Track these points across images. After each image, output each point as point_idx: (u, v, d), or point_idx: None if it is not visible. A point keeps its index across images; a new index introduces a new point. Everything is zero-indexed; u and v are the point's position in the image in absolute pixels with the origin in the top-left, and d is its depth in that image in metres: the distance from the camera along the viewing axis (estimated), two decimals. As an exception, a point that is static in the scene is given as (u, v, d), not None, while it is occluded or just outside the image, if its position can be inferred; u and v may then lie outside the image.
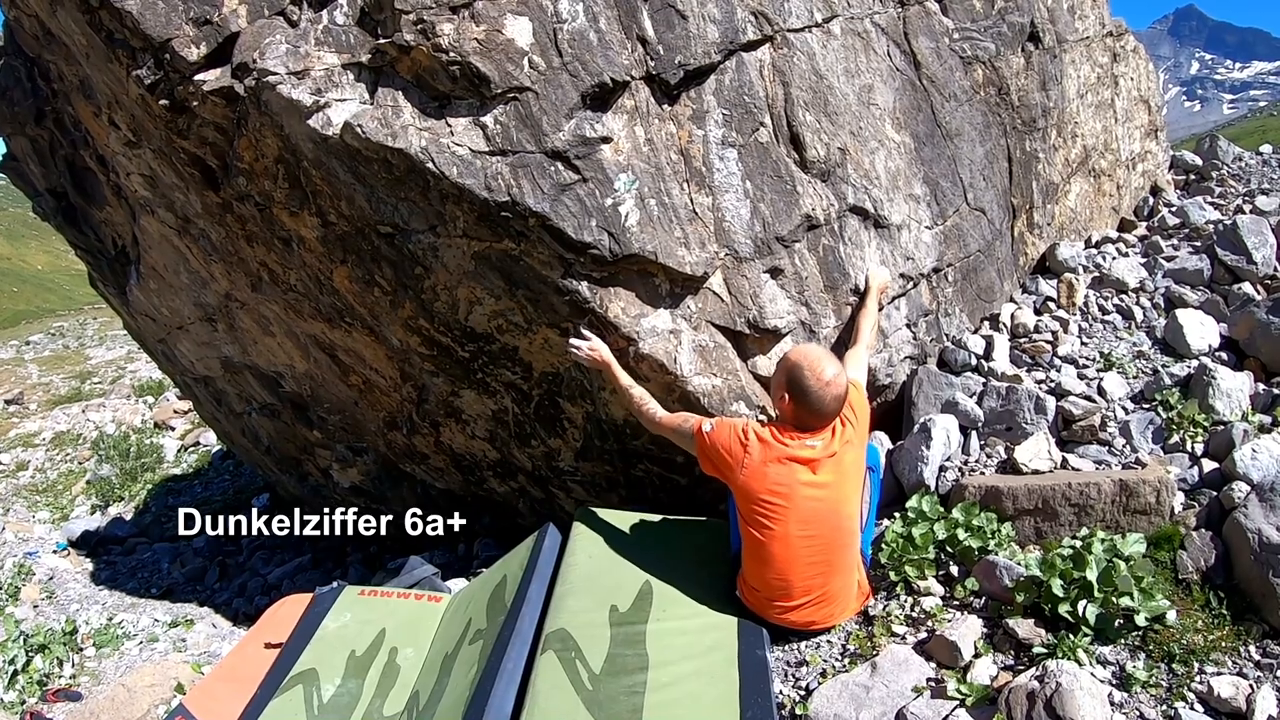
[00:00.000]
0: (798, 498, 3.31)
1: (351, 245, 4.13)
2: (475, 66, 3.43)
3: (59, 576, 7.91)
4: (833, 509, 3.36)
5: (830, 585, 3.43)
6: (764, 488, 3.33)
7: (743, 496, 3.40)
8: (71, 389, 20.08)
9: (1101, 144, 6.59)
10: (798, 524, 3.31)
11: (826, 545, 3.36)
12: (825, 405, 3.31)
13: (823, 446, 3.35)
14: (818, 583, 3.40)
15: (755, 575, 3.45)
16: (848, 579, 3.50)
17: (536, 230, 3.57)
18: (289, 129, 3.73)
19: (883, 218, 4.37)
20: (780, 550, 3.33)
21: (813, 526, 3.33)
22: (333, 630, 4.16)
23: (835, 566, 3.42)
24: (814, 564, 3.36)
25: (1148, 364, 4.80)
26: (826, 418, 3.35)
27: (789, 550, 3.32)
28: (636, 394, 3.78)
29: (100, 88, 4.73)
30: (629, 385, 3.79)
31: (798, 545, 3.32)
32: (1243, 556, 3.28)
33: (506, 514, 5.81)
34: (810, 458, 3.33)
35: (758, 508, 3.34)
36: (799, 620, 3.47)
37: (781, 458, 3.33)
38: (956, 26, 5.15)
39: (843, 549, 3.43)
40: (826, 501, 3.34)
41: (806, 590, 3.39)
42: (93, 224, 6.90)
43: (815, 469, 3.33)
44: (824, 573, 3.39)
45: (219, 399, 7.85)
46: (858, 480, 3.51)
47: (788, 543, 3.32)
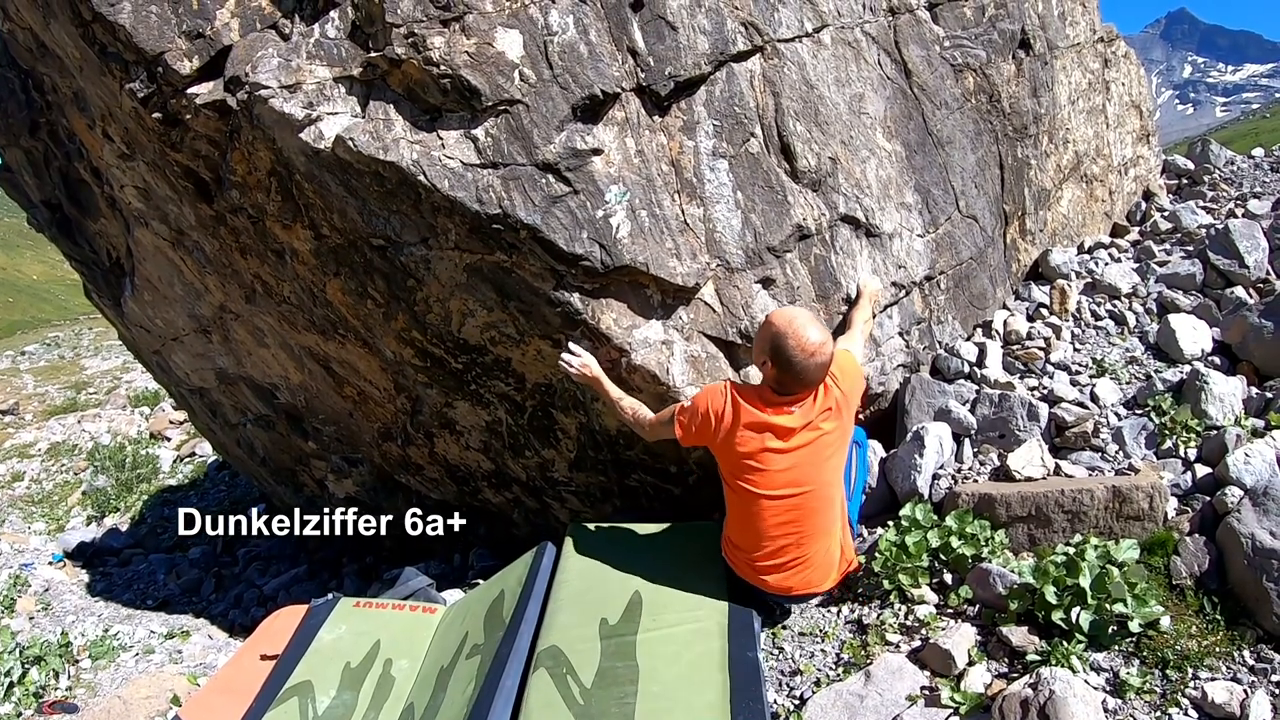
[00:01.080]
0: (772, 465, 3.35)
1: (344, 258, 4.14)
2: (466, 79, 3.44)
3: (55, 588, 7.89)
4: (808, 476, 3.39)
5: (806, 551, 3.47)
6: (740, 453, 3.38)
7: (721, 459, 3.48)
8: (67, 399, 20.04)
9: (1093, 149, 6.61)
10: (772, 489, 3.37)
11: (802, 512, 3.41)
12: (808, 374, 3.29)
13: (801, 414, 3.36)
14: (792, 547, 3.44)
15: (735, 532, 3.57)
16: (826, 546, 3.53)
17: (528, 242, 3.57)
18: (281, 142, 3.74)
19: (874, 226, 4.38)
20: (755, 513, 3.41)
21: (788, 491, 3.37)
22: (328, 642, 4.16)
23: (810, 533, 3.45)
24: (788, 529, 3.41)
25: (1140, 369, 4.81)
26: (809, 385, 3.35)
27: (763, 514, 3.40)
28: (628, 405, 3.80)
29: (94, 100, 4.73)
30: (619, 398, 3.81)
31: (771, 510, 3.39)
32: (1236, 561, 3.28)
33: (501, 524, 5.81)
34: (788, 426, 3.35)
35: (735, 471, 3.41)
36: (776, 585, 3.51)
37: (758, 424, 3.35)
38: (947, 34, 5.16)
39: (819, 515, 3.46)
40: (801, 469, 3.38)
41: (780, 553, 3.45)
42: (87, 236, 6.89)
43: (791, 437, 3.35)
44: (799, 539, 3.44)
45: (214, 410, 7.84)
46: (840, 448, 3.52)
47: (762, 506, 3.38)
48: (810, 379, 3.31)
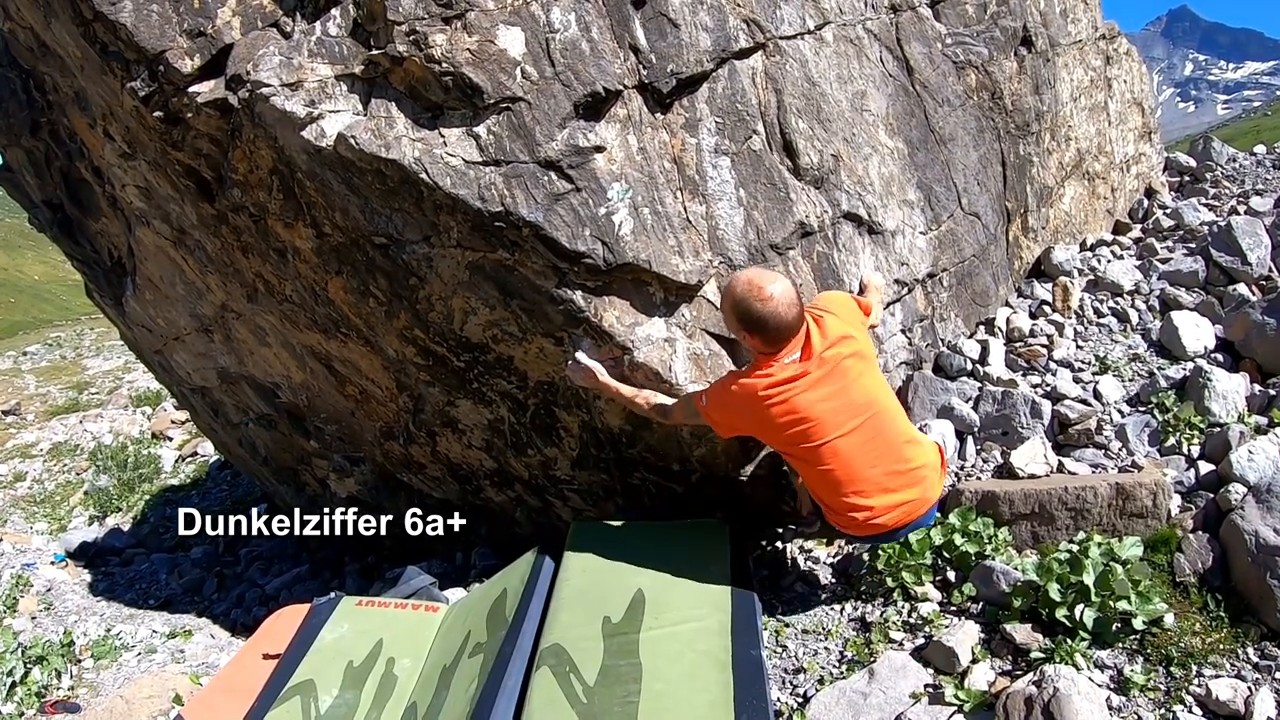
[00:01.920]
0: (815, 412, 3.27)
1: (346, 256, 4.14)
2: (468, 77, 3.44)
3: (57, 588, 7.88)
4: (852, 401, 3.32)
5: (904, 461, 3.40)
6: (782, 426, 3.31)
7: (771, 442, 3.45)
8: (69, 399, 20.04)
9: (1095, 147, 6.61)
10: (831, 431, 3.29)
11: (874, 431, 3.34)
12: (783, 320, 3.21)
13: (802, 355, 3.31)
14: (892, 468, 3.37)
15: (834, 500, 3.42)
16: (918, 449, 3.46)
17: (530, 240, 3.57)
18: (283, 140, 3.73)
19: (877, 224, 4.38)
20: (836, 463, 3.33)
21: (847, 423, 3.30)
22: (330, 641, 4.15)
23: (894, 444, 3.39)
24: (873, 453, 3.35)
25: (1143, 367, 4.81)
26: (791, 331, 3.26)
27: (843, 458, 3.32)
28: (641, 399, 3.71)
29: (95, 100, 4.73)
30: (633, 395, 3.72)
31: (847, 447, 3.31)
32: (1240, 558, 3.28)
33: (504, 523, 5.80)
34: (796, 373, 3.28)
35: (789, 442, 3.35)
36: (900, 516, 3.42)
37: (774, 393, 3.28)
38: (949, 31, 5.16)
39: (890, 428, 3.39)
40: (842, 397, 3.31)
41: (886, 484, 3.36)
42: (88, 235, 6.89)
43: (806, 378, 3.29)
44: (888, 455, 3.37)
45: (216, 410, 7.84)
46: (869, 367, 3.44)
47: (837, 450, 3.31)
48: (788, 324, 3.23)
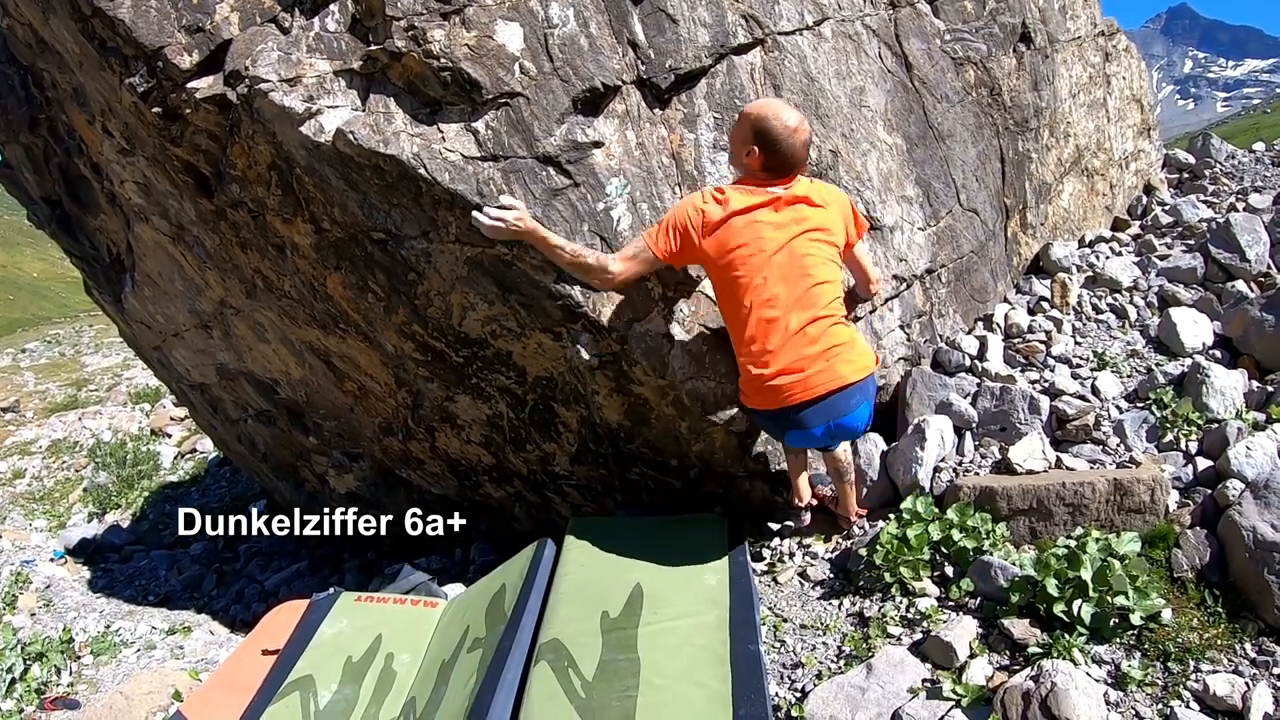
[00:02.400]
0: (766, 239, 3.30)
1: (345, 252, 4.14)
2: (466, 72, 3.44)
3: (56, 585, 7.88)
4: (807, 254, 3.35)
5: (822, 335, 3.37)
6: (731, 242, 3.31)
7: (713, 262, 3.37)
8: (68, 396, 20.03)
9: (1094, 143, 6.61)
10: (766, 269, 3.30)
11: (801, 292, 3.33)
12: (795, 150, 3.31)
13: (788, 190, 3.36)
14: (807, 334, 3.34)
15: (743, 350, 3.42)
16: (841, 330, 3.43)
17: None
18: (281, 136, 3.73)
19: (875, 219, 4.37)
20: (760, 301, 3.32)
21: (788, 266, 3.31)
22: (329, 636, 4.15)
23: (818, 315, 3.36)
24: (794, 313, 3.32)
25: (1141, 363, 4.82)
26: (797, 164, 3.35)
27: (763, 302, 3.32)
28: (570, 250, 3.39)
29: (93, 96, 4.73)
30: (560, 245, 3.38)
31: (770, 295, 3.31)
32: (1238, 554, 3.29)
33: (502, 519, 5.81)
34: (774, 196, 3.32)
35: (730, 264, 3.33)
36: (802, 387, 3.38)
37: (745, 207, 3.31)
38: (948, 27, 5.16)
39: (819, 296, 3.36)
40: (799, 245, 3.34)
41: (796, 347, 3.34)
42: (87, 232, 6.89)
43: (779, 207, 3.32)
44: (807, 321, 3.34)
45: (215, 406, 7.85)
46: (831, 246, 3.44)
47: (760, 294, 3.31)
48: (796, 156, 3.32)
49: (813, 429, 3.49)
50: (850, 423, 3.54)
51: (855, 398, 3.48)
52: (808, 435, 3.54)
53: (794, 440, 3.64)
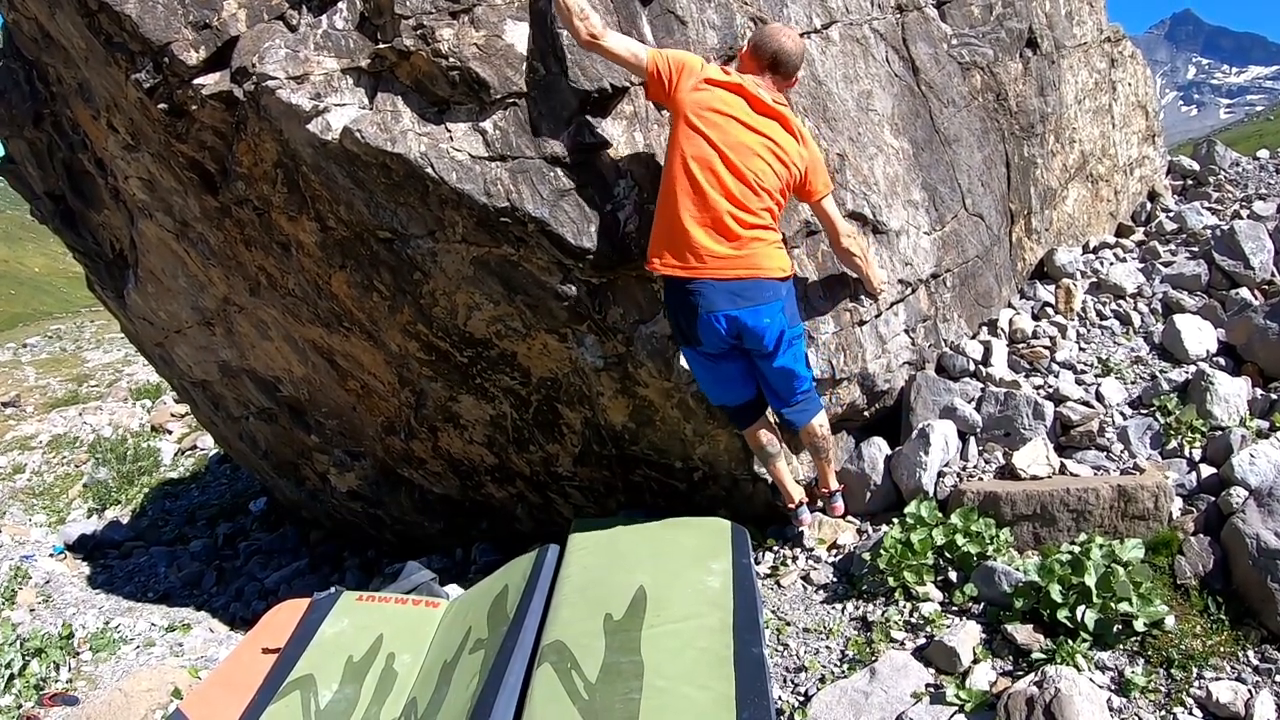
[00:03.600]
0: (735, 127, 3.43)
1: (350, 250, 4.14)
2: (475, 72, 3.45)
3: (55, 580, 7.87)
4: (760, 156, 3.47)
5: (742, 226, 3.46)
6: (706, 103, 3.42)
7: (683, 112, 3.44)
8: (68, 392, 20.01)
9: (1099, 149, 6.61)
10: (719, 142, 3.41)
11: (736, 182, 3.43)
12: (783, 46, 3.55)
13: (772, 98, 3.50)
14: (730, 219, 3.43)
15: (666, 215, 3.48)
16: (763, 231, 3.52)
17: (535, 236, 3.58)
18: (288, 133, 3.74)
19: (881, 224, 4.37)
20: (707, 170, 3.40)
21: (740, 160, 3.43)
22: (330, 636, 4.14)
23: (745, 206, 3.46)
24: (724, 197, 3.41)
25: (1145, 369, 4.81)
26: (770, 64, 3.55)
27: (716, 172, 3.40)
28: (575, 4, 3.36)
29: (99, 91, 4.73)
30: (584, 15, 3.39)
31: (710, 170, 3.40)
32: (1241, 561, 3.29)
33: (504, 519, 5.81)
34: (756, 95, 3.47)
35: (693, 125, 3.41)
36: (712, 267, 3.45)
37: (731, 85, 3.46)
38: (955, 32, 5.16)
39: (753, 196, 3.47)
40: (745, 141, 3.45)
41: (716, 228, 3.43)
42: (90, 227, 6.89)
43: (759, 108, 3.47)
44: (734, 207, 3.43)
45: (216, 403, 7.84)
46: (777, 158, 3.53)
47: (714, 164, 3.40)
48: (776, 59, 3.54)
49: (717, 313, 3.50)
50: (758, 316, 3.55)
51: (767, 291, 3.54)
52: (713, 321, 3.52)
53: (704, 331, 3.58)
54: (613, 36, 3.40)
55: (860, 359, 4.35)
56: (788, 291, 3.62)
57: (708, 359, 3.72)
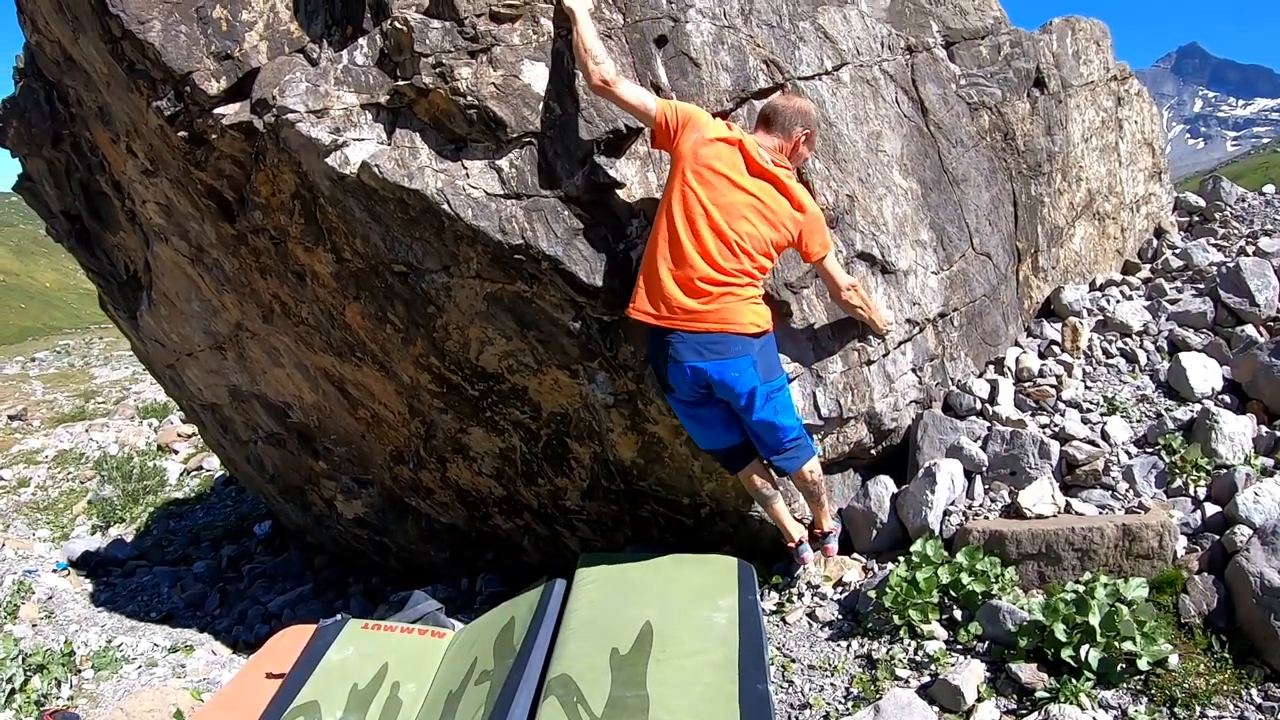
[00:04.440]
0: (719, 181, 3.47)
1: (365, 282, 4.18)
2: (492, 111, 3.50)
3: (58, 596, 7.84)
4: (749, 218, 3.51)
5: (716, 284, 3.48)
6: (705, 158, 3.46)
7: (681, 163, 3.49)
8: (75, 407, 20.02)
9: (1106, 187, 6.65)
10: (709, 199, 3.46)
11: (730, 245, 3.48)
12: (774, 102, 3.70)
13: (771, 159, 3.56)
14: (703, 276, 3.46)
15: (649, 265, 3.53)
16: (737, 288, 3.53)
17: (549, 273, 3.62)
18: (306, 166, 3.79)
19: (890, 263, 4.41)
20: (694, 225, 3.44)
21: (729, 219, 3.47)
22: (335, 663, 4.14)
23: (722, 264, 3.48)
24: (702, 252, 3.45)
25: (1151, 408, 4.83)
26: (772, 123, 3.65)
27: (702, 229, 3.44)
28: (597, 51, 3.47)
29: (119, 116, 4.79)
30: (589, 32, 3.51)
31: (707, 229, 3.44)
32: (1245, 600, 3.30)
33: (510, 550, 5.82)
34: (753, 155, 3.53)
35: (687, 179, 3.46)
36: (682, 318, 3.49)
37: (731, 140, 3.52)
38: (963, 73, 5.22)
39: (732, 254, 3.50)
40: (740, 200, 3.50)
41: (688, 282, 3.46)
42: (105, 248, 6.95)
43: (752, 168, 3.52)
44: (710, 263, 3.45)
45: (225, 426, 7.87)
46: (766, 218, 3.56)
47: (703, 221, 3.44)
48: (775, 118, 3.65)
49: (685, 364, 3.55)
50: (727, 370, 3.57)
51: (736, 346, 3.56)
52: (681, 371, 3.56)
53: (674, 379, 3.63)
54: (624, 84, 3.47)
55: (868, 398, 4.37)
56: (761, 346, 3.64)
57: (686, 405, 3.77)
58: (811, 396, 4.16)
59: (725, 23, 3.97)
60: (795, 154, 3.69)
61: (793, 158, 3.69)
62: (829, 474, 4.54)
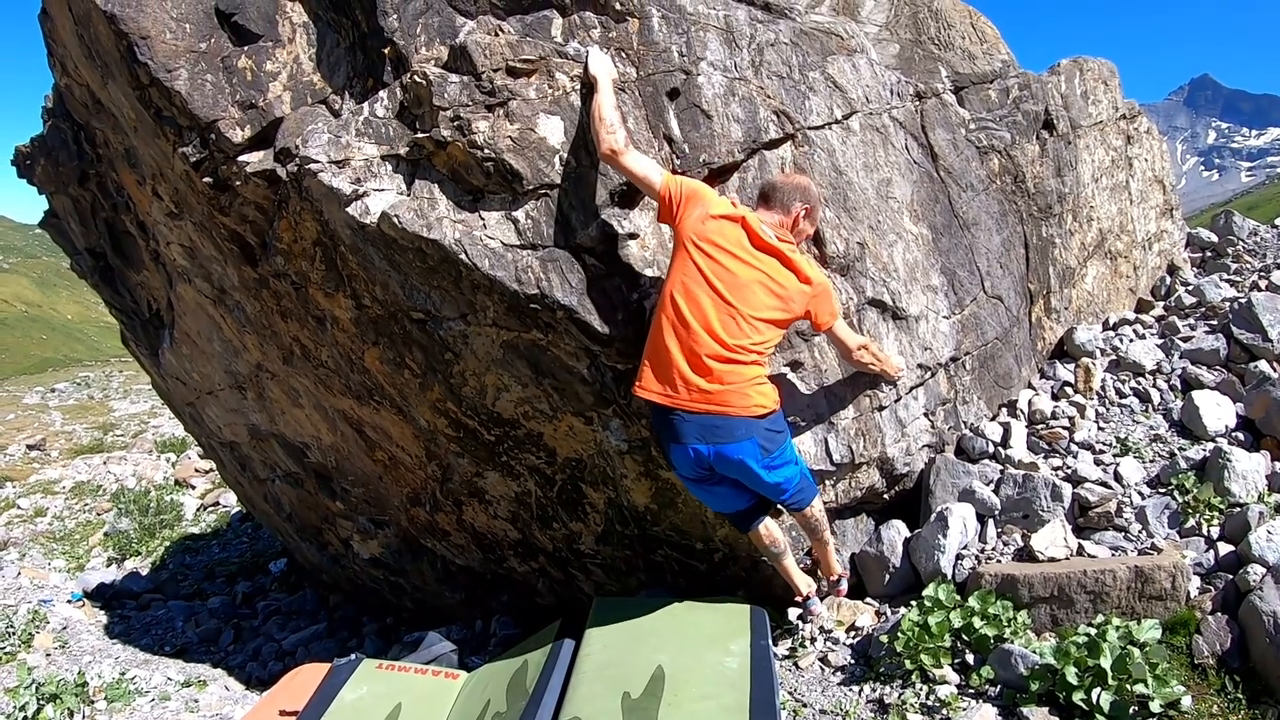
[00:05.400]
0: (724, 256, 3.46)
1: (383, 328, 4.25)
2: (508, 163, 3.57)
3: (72, 627, 7.85)
4: (755, 292, 3.49)
5: (722, 366, 3.45)
6: (707, 235, 3.46)
7: (683, 238, 3.49)
8: (94, 439, 20.20)
9: (1117, 226, 6.66)
10: (713, 274, 3.44)
11: (724, 320, 3.45)
12: (771, 179, 3.76)
13: (775, 235, 3.54)
14: (710, 354, 3.43)
15: (654, 345, 3.52)
16: (744, 369, 3.50)
17: (564, 322, 3.68)
18: (328, 215, 3.87)
19: (901, 309, 4.43)
20: (696, 300, 3.43)
21: (734, 295, 3.45)
22: (349, 702, 4.16)
23: (728, 345, 3.45)
24: (708, 330, 3.43)
25: (1164, 447, 4.82)
26: (772, 200, 3.66)
27: (704, 304, 3.43)
28: (612, 120, 3.57)
29: (145, 159, 4.89)
30: (607, 105, 3.59)
31: (699, 302, 3.43)
32: (1258, 639, 3.30)
33: (525, 593, 5.84)
34: (757, 230, 3.51)
35: (689, 253, 3.46)
36: (685, 398, 3.47)
37: (734, 217, 3.51)
38: (973, 117, 5.26)
39: (750, 335, 3.48)
40: (746, 274, 3.48)
41: (695, 360, 3.43)
42: (129, 286, 7.05)
43: (756, 243, 3.50)
44: (716, 344, 3.43)
45: (243, 464, 7.93)
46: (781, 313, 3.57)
47: (705, 296, 3.43)
48: (774, 194, 3.66)
49: (688, 446, 3.55)
50: (732, 452, 3.56)
51: (739, 429, 3.54)
52: (684, 452, 3.56)
53: (677, 458, 3.65)
54: (632, 155, 3.54)
55: (880, 443, 4.39)
56: (769, 425, 3.61)
57: (691, 480, 3.78)
58: (824, 443, 4.19)
59: (736, 75, 4.04)
60: (796, 230, 3.67)
61: (794, 234, 3.67)
62: (841, 519, 4.57)
